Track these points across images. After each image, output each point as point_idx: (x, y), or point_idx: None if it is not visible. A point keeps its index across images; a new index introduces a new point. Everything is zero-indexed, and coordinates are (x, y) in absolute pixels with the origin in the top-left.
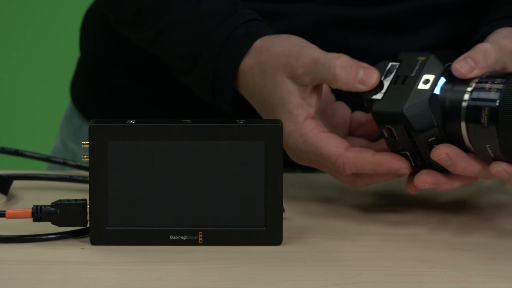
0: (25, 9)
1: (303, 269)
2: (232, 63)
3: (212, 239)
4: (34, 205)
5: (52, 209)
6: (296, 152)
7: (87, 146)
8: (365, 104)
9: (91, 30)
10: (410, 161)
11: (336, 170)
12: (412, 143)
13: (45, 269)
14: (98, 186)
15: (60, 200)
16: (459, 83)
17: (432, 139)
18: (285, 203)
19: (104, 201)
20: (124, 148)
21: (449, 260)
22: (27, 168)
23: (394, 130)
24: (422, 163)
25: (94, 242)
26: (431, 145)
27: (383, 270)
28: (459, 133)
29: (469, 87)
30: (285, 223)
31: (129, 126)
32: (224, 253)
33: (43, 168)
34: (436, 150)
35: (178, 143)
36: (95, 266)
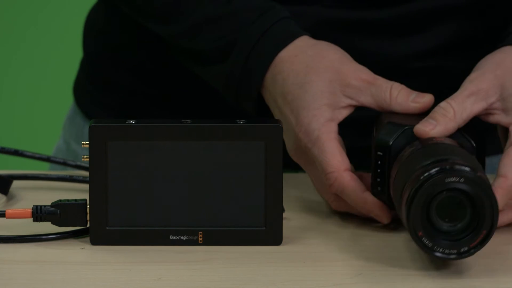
0: (27, 9)
1: (303, 269)
2: (270, 54)
3: (212, 239)
4: (34, 205)
5: (52, 209)
6: (300, 144)
7: (87, 146)
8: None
9: (95, 31)
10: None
11: (324, 180)
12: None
13: (45, 269)
14: (98, 186)
15: (60, 200)
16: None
17: None
18: (285, 203)
19: (104, 201)
20: (124, 148)
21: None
22: (27, 168)
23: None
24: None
25: (94, 242)
26: None
27: (383, 270)
28: None
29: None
30: (285, 223)
31: (129, 126)
32: (224, 253)
33: (43, 168)
34: None
35: (178, 143)
36: (95, 266)
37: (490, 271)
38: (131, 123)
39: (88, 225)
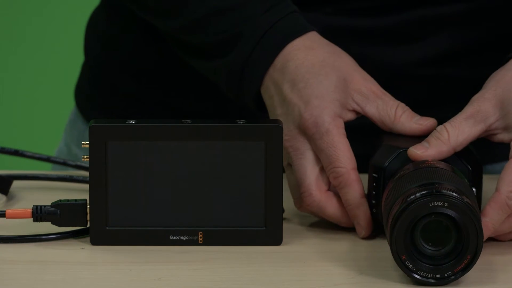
0: (27, 10)
1: (303, 269)
2: (282, 40)
3: (212, 239)
4: (34, 205)
5: (52, 209)
6: (305, 132)
7: (87, 146)
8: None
9: (96, 34)
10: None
11: (327, 173)
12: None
13: (45, 269)
14: (98, 186)
15: (60, 200)
16: None
17: None
18: (285, 203)
19: (104, 201)
20: (124, 148)
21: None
22: (27, 168)
23: None
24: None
25: (94, 242)
26: None
27: (383, 270)
28: None
29: None
30: (285, 223)
31: (129, 126)
32: (224, 253)
33: (43, 168)
34: None
35: (178, 143)
36: (95, 266)
37: (492, 270)
38: (131, 123)
39: (88, 225)
